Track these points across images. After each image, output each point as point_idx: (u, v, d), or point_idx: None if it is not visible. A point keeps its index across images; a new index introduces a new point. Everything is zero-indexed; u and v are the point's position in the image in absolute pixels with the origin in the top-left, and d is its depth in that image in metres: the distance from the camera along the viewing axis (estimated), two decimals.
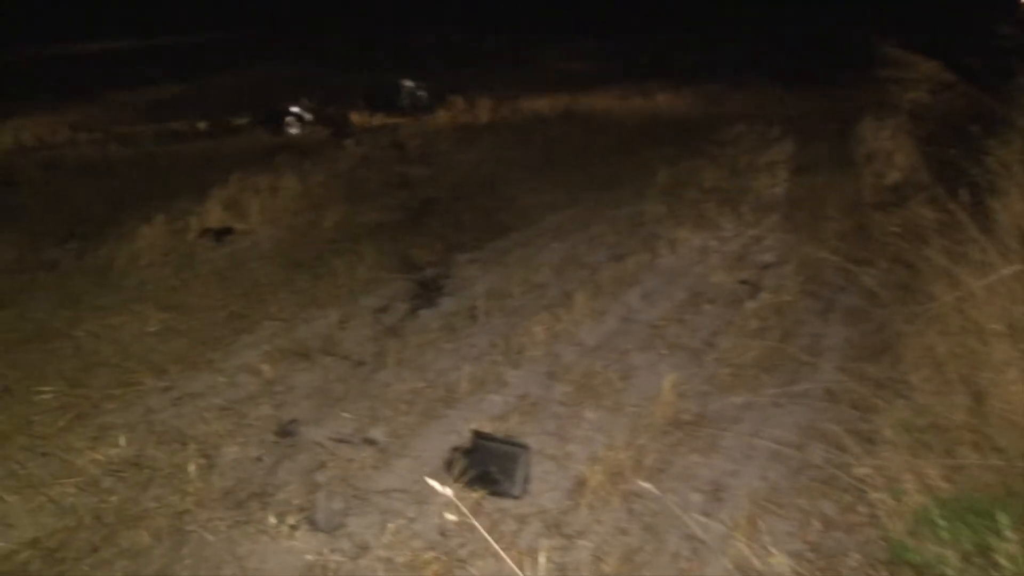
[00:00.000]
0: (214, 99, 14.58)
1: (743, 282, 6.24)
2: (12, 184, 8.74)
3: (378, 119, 12.37)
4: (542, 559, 3.15)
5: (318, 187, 8.51)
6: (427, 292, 6.01)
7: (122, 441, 4.09)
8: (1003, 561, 2.83)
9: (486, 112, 12.84)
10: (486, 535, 3.22)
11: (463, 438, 3.98)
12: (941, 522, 3.08)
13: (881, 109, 13.90)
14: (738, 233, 7.37)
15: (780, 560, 3.13)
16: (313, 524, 3.41)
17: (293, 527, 3.39)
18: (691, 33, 23.73)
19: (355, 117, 12.42)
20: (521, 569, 3.12)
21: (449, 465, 3.78)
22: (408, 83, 13.44)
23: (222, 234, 7.24)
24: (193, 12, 24.85)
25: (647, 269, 6.47)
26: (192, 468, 3.83)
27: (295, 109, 11.82)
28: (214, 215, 7.56)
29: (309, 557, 3.24)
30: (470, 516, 2.68)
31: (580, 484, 3.72)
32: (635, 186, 8.76)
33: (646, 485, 3.58)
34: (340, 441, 4.09)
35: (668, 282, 6.27)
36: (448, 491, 2.04)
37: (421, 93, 13.16)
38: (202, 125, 11.95)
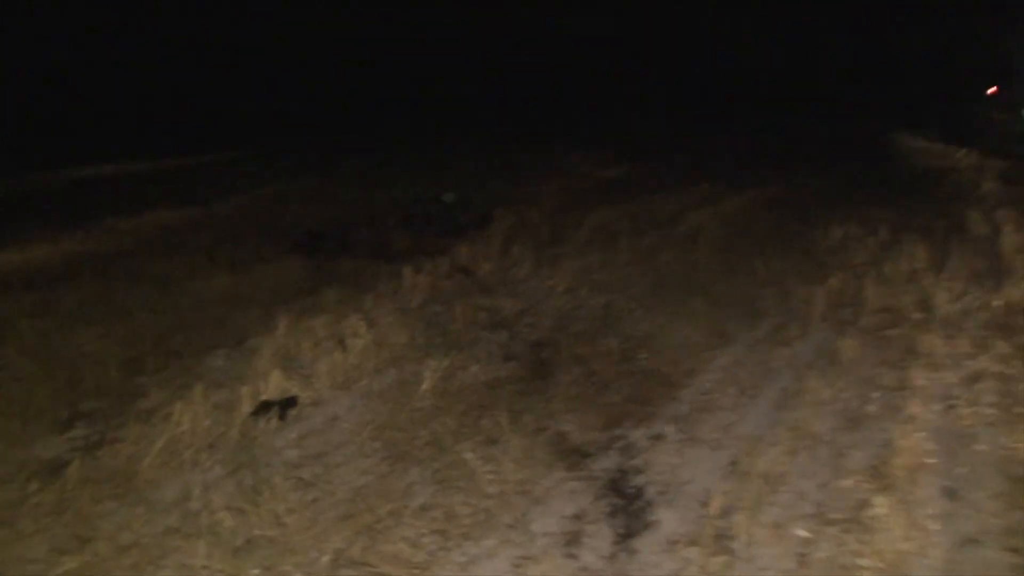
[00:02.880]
0: (225, 223, 12.80)
1: None
2: None
3: (425, 240, 10.57)
4: None
5: (391, 332, 6.59)
6: (624, 499, 4.00)
7: None
8: None
9: (545, 228, 11.12)
10: None
11: None
12: None
13: (966, 202, 12.48)
14: (976, 372, 5.55)
15: None
16: None
17: None
18: (711, 133, 22.72)
19: (395, 238, 10.63)
20: None
21: None
22: (449, 197, 11.76)
23: (285, 407, 5.30)
24: (196, 132, 23.55)
25: (911, 438, 4.57)
26: None
27: (328, 232, 10.03)
28: (270, 379, 5.61)
29: None
30: None
31: None
32: (788, 312, 6.99)
33: None
34: None
35: (954, 455, 4.37)
36: None
37: (467, 209, 11.40)
38: (220, 254, 10.07)
